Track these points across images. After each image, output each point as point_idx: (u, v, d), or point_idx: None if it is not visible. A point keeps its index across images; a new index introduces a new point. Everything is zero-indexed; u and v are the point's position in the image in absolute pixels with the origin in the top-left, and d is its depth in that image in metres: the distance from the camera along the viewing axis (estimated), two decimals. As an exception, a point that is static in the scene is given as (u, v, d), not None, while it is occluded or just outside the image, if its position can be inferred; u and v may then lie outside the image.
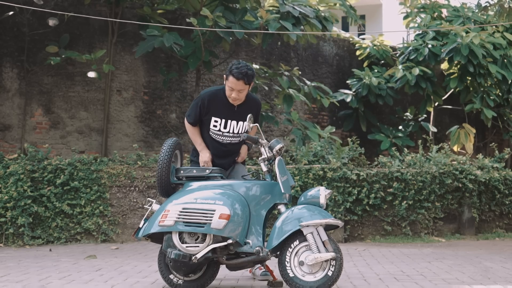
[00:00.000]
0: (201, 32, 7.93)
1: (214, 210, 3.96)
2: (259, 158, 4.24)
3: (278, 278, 4.32)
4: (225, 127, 4.48)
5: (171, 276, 4.18)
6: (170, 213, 4.02)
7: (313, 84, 9.27)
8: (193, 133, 4.59)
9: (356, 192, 7.64)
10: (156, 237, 4.21)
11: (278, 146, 4.18)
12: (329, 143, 8.58)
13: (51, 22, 8.46)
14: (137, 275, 5.00)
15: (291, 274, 4.00)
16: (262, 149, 4.22)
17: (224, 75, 4.46)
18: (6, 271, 5.13)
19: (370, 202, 7.71)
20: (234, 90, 4.38)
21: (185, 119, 4.61)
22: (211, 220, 3.94)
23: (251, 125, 4.27)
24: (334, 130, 8.99)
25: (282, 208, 4.13)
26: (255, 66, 9.40)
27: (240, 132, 4.51)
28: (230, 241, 3.98)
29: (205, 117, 4.49)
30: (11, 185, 7.00)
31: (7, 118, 8.66)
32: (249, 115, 4.30)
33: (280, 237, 4.00)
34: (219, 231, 3.95)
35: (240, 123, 4.50)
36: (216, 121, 4.48)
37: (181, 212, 4.00)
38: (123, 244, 7.17)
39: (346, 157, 7.95)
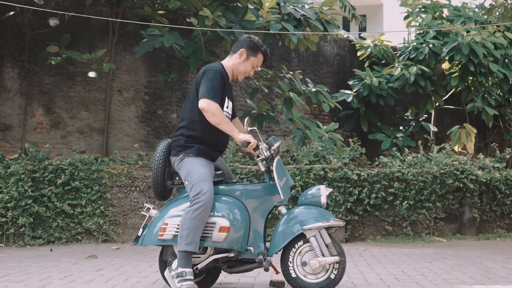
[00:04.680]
0: (202, 32, 7.93)
1: (214, 223, 3.89)
2: (257, 159, 4.10)
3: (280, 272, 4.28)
4: (227, 107, 4.18)
5: None
6: (168, 226, 3.95)
7: (313, 89, 9.21)
8: (222, 113, 3.97)
9: (357, 192, 7.63)
10: None
11: (276, 145, 4.06)
12: (331, 141, 8.57)
13: (52, 22, 8.46)
14: (138, 275, 5.00)
15: (293, 275, 3.99)
16: (261, 151, 4.06)
17: (243, 49, 4.16)
18: (7, 271, 5.13)
19: (371, 202, 7.71)
20: (255, 68, 4.21)
21: (209, 101, 3.94)
22: (211, 233, 3.89)
23: (249, 128, 4.13)
24: (337, 127, 8.94)
25: (282, 209, 4.08)
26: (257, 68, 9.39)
27: (230, 112, 4.23)
28: (231, 254, 3.94)
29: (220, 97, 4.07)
30: (12, 185, 7.00)
31: (8, 118, 8.66)
32: (246, 119, 4.17)
33: (282, 242, 3.96)
34: (220, 244, 3.90)
35: (231, 102, 4.26)
36: (226, 102, 4.14)
37: (179, 225, 3.90)
38: (124, 244, 7.17)
39: (347, 157, 7.95)
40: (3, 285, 4.46)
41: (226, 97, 4.13)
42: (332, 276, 3.95)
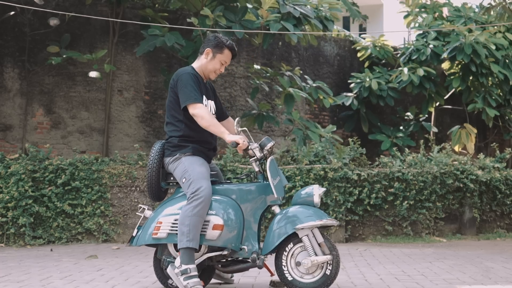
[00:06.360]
0: (202, 32, 7.94)
1: (208, 221, 3.91)
2: (251, 159, 4.09)
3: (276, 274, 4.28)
4: (206, 106, 4.13)
5: (169, 281, 4.17)
6: (162, 225, 3.98)
7: (314, 84, 9.27)
8: (211, 116, 4.02)
9: (357, 192, 7.64)
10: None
11: (269, 145, 4.04)
12: (331, 143, 8.58)
13: (52, 22, 8.47)
14: (138, 275, 5.01)
15: (289, 278, 3.99)
16: (253, 151, 4.05)
17: (208, 49, 4.18)
18: (7, 271, 5.13)
19: (371, 202, 7.71)
20: (225, 65, 4.23)
21: (195, 105, 3.99)
22: (205, 231, 3.91)
23: (239, 129, 4.10)
24: (335, 129, 8.98)
25: (276, 209, 4.08)
26: (256, 66, 9.42)
27: (213, 112, 4.25)
28: (225, 252, 3.97)
29: None
30: (12, 185, 7.01)
31: (8, 118, 8.66)
32: (237, 119, 4.16)
33: (275, 242, 3.97)
34: (214, 242, 3.93)
35: (211, 101, 4.27)
36: (204, 101, 4.13)
37: (173, 224, 3.95)
38: (124, 244, 7.17)
39: (347, 157, 7.95)
40: (3, 285, 4.47)
41: (204, 97, 4.15)
42: (328, 272, 3.95)
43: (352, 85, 10.54)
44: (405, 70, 10.07)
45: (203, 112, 3.99)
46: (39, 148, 8.10)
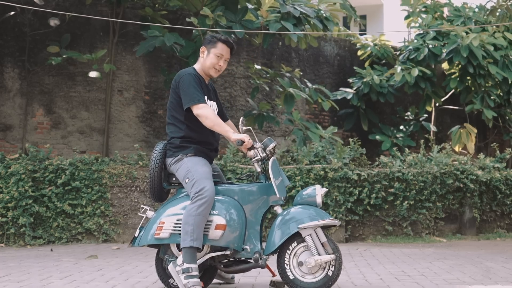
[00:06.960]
0: (202, 32, 7.94)
1: (210, 221, 3.92)
2: (253, 159, 4.10)
3: (277, 275, 4.30)
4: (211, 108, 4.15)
5: (170, 280, 4.17)
6: (165, 225, 3.99)
7: (314, 86, 9.28)
8: (215, 115, 4.04)
9: (357, 192, 7.64)
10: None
11: (271, 146, 4.07)
12: (331, 143, 8.58)
13: (52, 22, 8.48)
14: (138, 275, 5.01)
15: (291, 277, 4.00)
16: (256, 151, 4.07)
17: (203, 47, 4.22)
18: (7, 271, 5.14)
19: (371, 202, 7.71)
20: (222, 59, 4.20)
21: (198, 105, 4.00)
22: (207, 231, 3.92)
23: (244, 128, 4.13)
24: (336, 130, 8.98)
25: (278, 209, 4.10)
26: (256, 66, 9.42)
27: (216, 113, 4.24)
28: (228, 252, 3.98)
29: None
30: (12, 185, 7.01)
31: (9, 118, 8.67)
32: (241, 118, 4.20)
33: (278, 242, 3.98)
34: (216, 242, 3.94)
35: (213, 102, 4.28)
36: (208, 102, 4.14)
37: (176, 224, 3.96)
38: (124, 244, 7.17)
39: (347, 157, 7.95)
40: (4, 285, 4.47)
41: (206, 97, 4.16)
42: (330, 273, 3.96)
43: (351, 80, 10.53)
44: (398, 69, 10.04)
45: (207, 112, 4.00)
46: (39, 148, 8.11)
